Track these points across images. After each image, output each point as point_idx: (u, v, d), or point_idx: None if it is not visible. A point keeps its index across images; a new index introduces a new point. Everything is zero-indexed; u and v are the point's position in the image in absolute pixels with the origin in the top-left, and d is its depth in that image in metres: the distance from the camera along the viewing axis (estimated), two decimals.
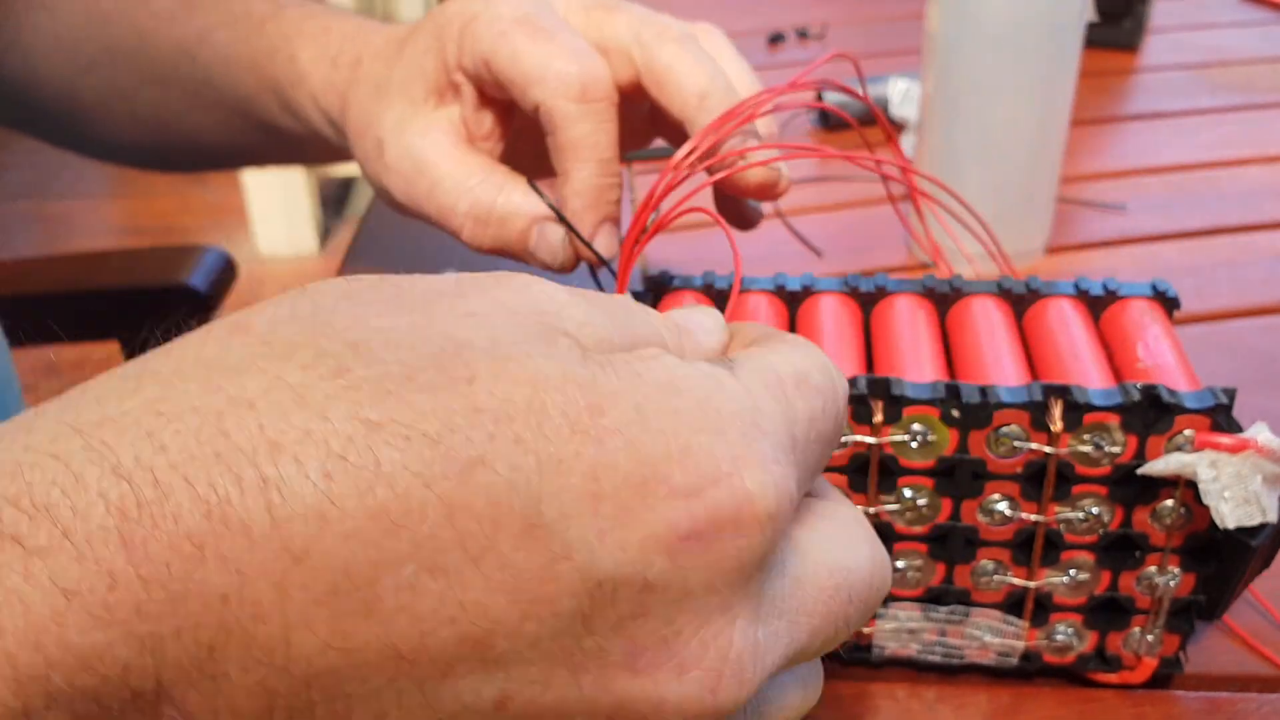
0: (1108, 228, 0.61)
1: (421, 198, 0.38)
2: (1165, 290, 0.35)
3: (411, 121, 0.39)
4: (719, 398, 0.20)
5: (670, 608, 0.19)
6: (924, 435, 0.30)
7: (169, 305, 0.75)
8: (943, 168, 0.56)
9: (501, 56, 0.36)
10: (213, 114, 0.49)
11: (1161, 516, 0.31)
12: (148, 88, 0.50)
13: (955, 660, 0.34)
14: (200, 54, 0.47)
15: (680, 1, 1.01)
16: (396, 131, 0.39)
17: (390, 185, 0.39)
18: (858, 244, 0.60)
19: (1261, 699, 0.33)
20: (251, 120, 0.47)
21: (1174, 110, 0.75)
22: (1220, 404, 0.29)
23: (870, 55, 0.87)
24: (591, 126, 0.36)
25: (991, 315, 0.35)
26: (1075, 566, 0.32)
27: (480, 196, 0.37)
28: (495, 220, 0.37)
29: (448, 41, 0.38)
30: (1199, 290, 0.55)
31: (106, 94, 0.52)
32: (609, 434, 0.18)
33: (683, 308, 0.25)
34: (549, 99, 0.35)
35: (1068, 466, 0.30)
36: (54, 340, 0.46)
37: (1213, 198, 0.63)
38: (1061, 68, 0.53)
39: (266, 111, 0.46)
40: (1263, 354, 0.49)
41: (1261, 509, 0.28)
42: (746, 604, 0.20)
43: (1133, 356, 0.32)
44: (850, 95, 0.35)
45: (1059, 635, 0.33)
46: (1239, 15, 0.91)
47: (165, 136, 0.52)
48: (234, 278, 0.78)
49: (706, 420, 0.19)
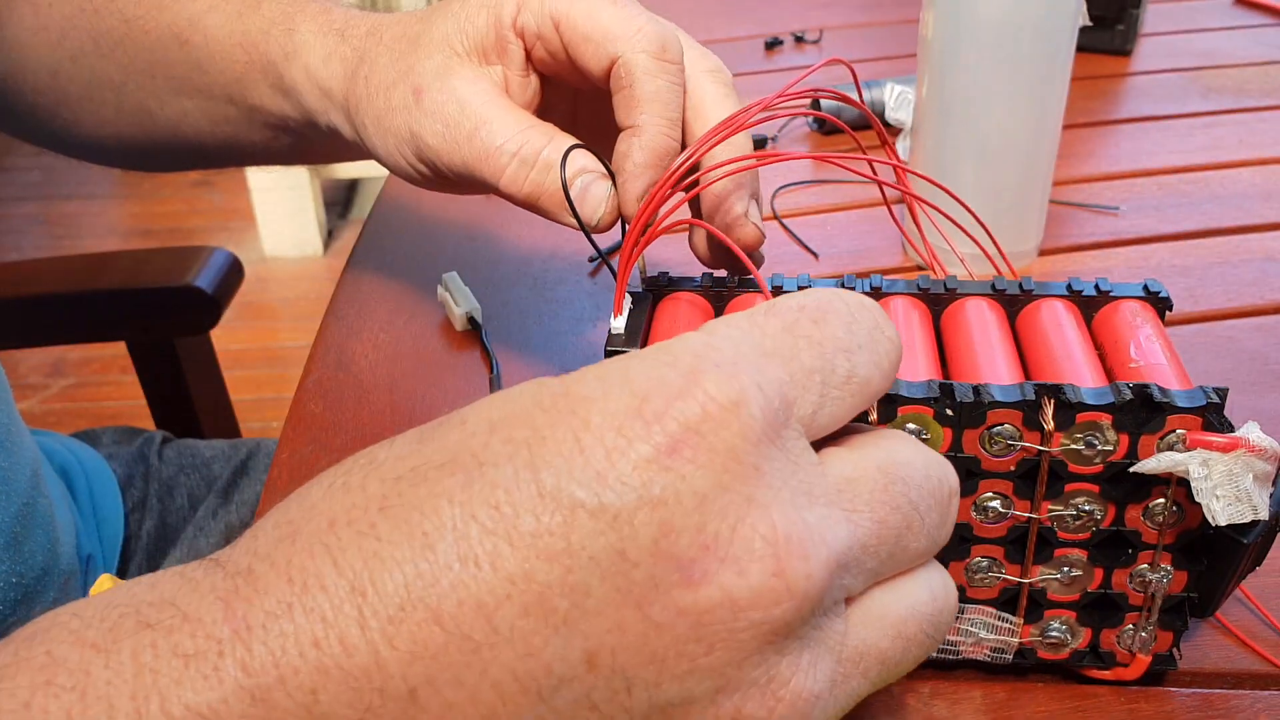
0: (1101, 229, 0.61)
1: (463, 140, 0.38)
2: (1157, 291, 0.35)
3: (457, 70, 0.39)
4: (677, 346, 0.22)
5: (693, 516, 0.20)
6: (918, 434, 0.30)
7: (175, 306, 0.75)
8: (937, 171, 0.56)
9: (578, 14, 0.37)
10: (198, 101, 0.49)
11: (1154, 514, 0.31)
12: (135, 77, 0.50)
13: (950, 656, 0.34)
14: (190, 38, 0.47)
15: (680, 7, 1.02)
16: (440, 77, 0.39)
17: (425, 131, 0.39)
18: (853, 246, 0.61)
19: (1255, 695, 0.34)
20: (238, 106, 0.47)
21: (1166, 113, 0.75)
22: (1212, 403, 0.29)
23: (866, 60, 0.87)
24: (666, 82, 0.37)
25: (985, 316, 0.35)
26: (1068, 564, 0.32)
27: (532, 139, 0.38)
28: (541, 165, 0.38)
29: (505, 1, 0.38)
30: (1191, 291, 0.55)
31: (92, 85, 0.52)
32: (580, 403, 0.21)
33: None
34: (630, 52, 0.36)
35: (1060, 465, 0.30)
36: (61, 341, 0.46)
37: (1205, 200, 0.64)
38: (1055, 72, 0.53)
39: (254, 93, 0.46)
40: (1254, 354, 0.50)
41: (1253, 507, 0.29)
42: (774, 493, 0.21)
43: (1125, 356, 0.33)
44: (845, 102, 0.36)
45: (1053, 632, 0.33)
46: (1231, 19, 0.92)
47: (150, 129, 0.52)
48: (240, 279, 0.78)
49: (661, 355, 0.22)
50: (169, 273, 0.75)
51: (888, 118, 0.71)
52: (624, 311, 0.34)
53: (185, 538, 0.63)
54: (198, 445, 0.69)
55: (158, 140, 0.53)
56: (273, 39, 0.44)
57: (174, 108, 0.50)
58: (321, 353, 0.52)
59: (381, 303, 0.56)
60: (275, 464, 0.45)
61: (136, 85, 0.51)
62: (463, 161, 0.39)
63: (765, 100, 0.34)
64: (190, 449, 0.68)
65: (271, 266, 2.09)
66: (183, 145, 0.52)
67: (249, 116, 0.48)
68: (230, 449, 0.68)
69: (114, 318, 0.76)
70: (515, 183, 0.38)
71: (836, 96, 0.36)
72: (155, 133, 0.52)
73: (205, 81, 0.48)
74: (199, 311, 0.75)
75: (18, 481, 0.48)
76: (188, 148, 0.53)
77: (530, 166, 0.38)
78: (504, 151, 0.38)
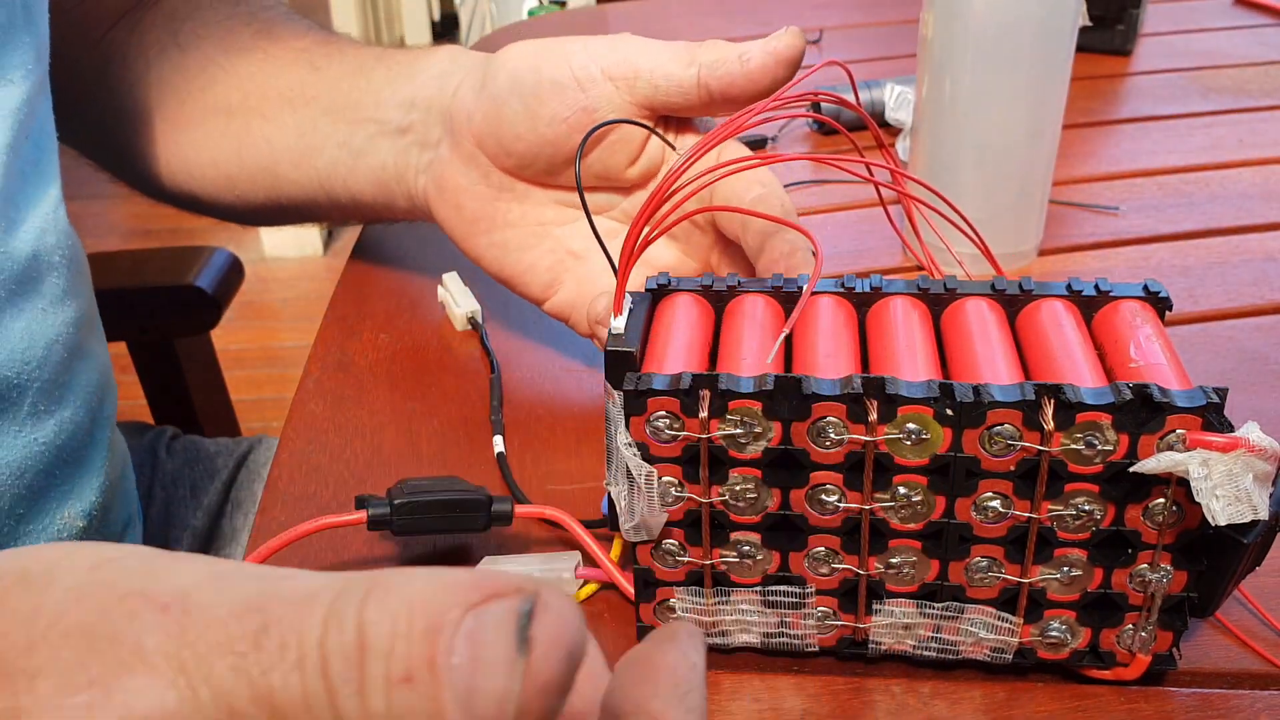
0: (1101, 229, 0.61)
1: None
2: (1157, 291, 0.35)
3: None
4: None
5: None
6: (918, 434, 0.31)
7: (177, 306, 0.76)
8: (937, 171, 0.56)
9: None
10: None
11: (1153, 514, 0.31)
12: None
13: (950, 655, 0.34)
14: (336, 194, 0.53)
15: (680, 9, 1.02)
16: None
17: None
18: (853, 245, 0.61)
19: (1255, 695, 0.34)
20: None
21: (1166, 114, 0.75)
22: (1212, 403, 0.29)
23: (866, 60, 0.87)
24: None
25: (985, 315, 0.35)
26: (1068, 563, 0.32)
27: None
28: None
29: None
30: (1191, 291, 0.55)
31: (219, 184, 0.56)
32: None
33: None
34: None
35: (1060, 465, 0.30)
36: None
37: (1205, 200, 0.64)
38: (1054, 72, 0.53)
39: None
40: (1254, 354, 0.50)
41: (1253, 506, 0.29)
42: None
43: (1125, 356, 0.33)
44: (841, 104, 0.36)
45: (1053, 631, 0.33)
46: (1231, 19, 0.92)
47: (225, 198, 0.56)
48: (240, 279, 0.79)
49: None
50: (169, 273, 0.76)
51: (887, 118, 0.71)
52: (624, 311, 0.34)
53: (187, 526, 0.64)
54: (202, 441, 0.70)
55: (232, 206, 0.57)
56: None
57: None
58: (321, 353, 0.52)
59: (381, 303, 0.56)
60: (275, 464, 0.45)
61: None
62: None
63: (759, 105, 0.34)
64: (195, 444, 0.69)
65: (271, 266, 2.10)
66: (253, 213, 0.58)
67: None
68: (233, 444, 0.70)
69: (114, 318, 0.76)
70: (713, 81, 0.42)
71: (833, 99, 0.36)
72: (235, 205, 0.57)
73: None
74: (199, 311, 0.75)
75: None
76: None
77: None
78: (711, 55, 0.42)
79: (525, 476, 0.44)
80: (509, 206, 0.47)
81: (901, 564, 0.33)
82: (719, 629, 0.35)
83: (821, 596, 0.34)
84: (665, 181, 0.33)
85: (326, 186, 0.52)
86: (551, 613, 0.17)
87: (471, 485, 0.38)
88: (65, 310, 0.47)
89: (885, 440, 0.31)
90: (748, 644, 0.35)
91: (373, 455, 0.45)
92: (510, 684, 0.16)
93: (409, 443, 0.46)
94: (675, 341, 0.34)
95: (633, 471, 0.32)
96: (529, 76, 0.43)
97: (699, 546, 0.34)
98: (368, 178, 0.50)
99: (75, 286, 0.48)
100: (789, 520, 0.33)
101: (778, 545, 0.33)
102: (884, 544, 0.33)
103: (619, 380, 0.32)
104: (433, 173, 0.48)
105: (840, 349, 0.34)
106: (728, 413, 0.31)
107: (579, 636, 0.17)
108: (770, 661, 0.36)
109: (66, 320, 0.47)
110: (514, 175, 0.46)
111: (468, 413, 0.48)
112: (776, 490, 0.32)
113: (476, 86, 0.45)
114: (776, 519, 0.33)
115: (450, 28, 2.73)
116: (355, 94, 0.50)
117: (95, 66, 0.56)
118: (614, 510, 0.34)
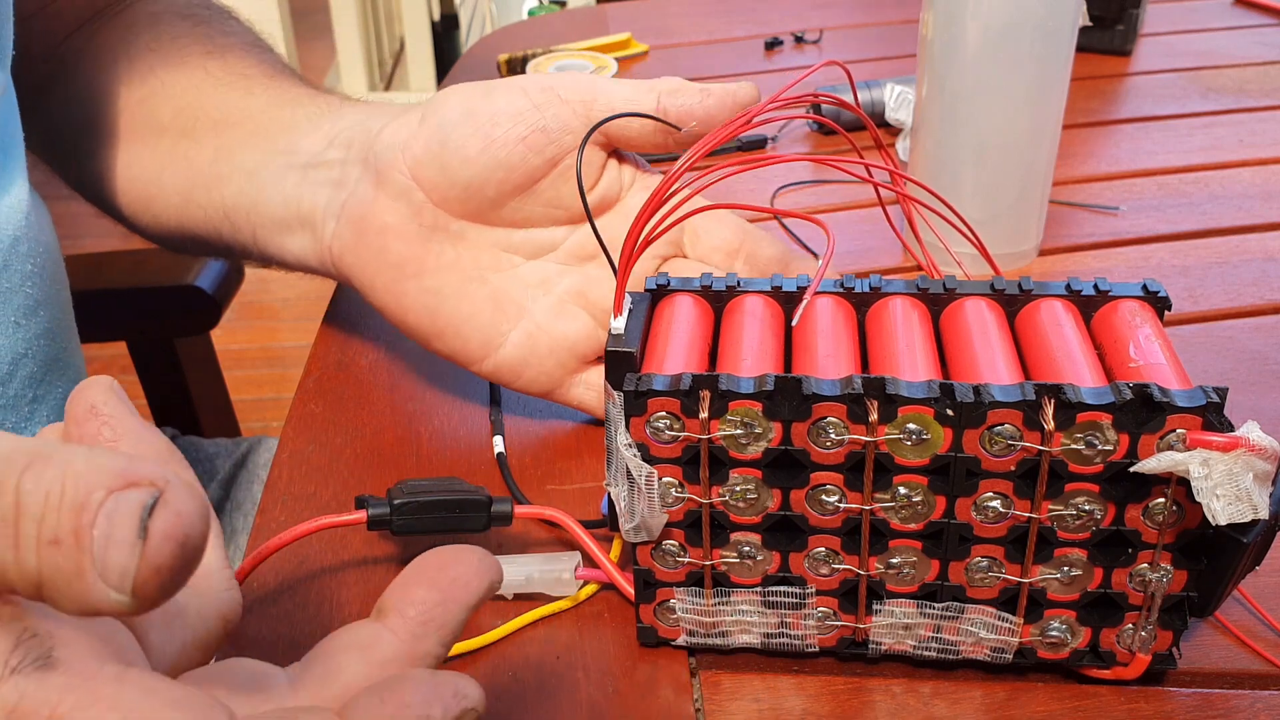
0: (1101, 229, 0.61)
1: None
2: (1156, 290, 0.35)
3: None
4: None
5: None
6: (919, 434, 0.31)
7: (175, 306, 0.76)
8: (937, 171, 0.56)
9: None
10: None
11: (1153, 514, 0.31)
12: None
13: (950, 655, 0.34)
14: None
15: (679, 8, 1.02)
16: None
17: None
18: (853, 245, 0.61)
19: (1255, 695, 0.34)
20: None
21: (1166, 114, 0.76)
22: (1211, 402, 0.29)
23: (866, 60, 0.87)
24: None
25: (985, 315, 0.35)
26: (1068, 563, 0.32)
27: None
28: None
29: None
30: (1191, 291, 0.55)
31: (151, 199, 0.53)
32: None
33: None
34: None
35: (1060, 464, 0.30)
36: None
37: (1204, 200, 0.64)
38: (1054, 72, 0.53)
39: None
40: (1253, 354, 0.50)
41: (1253, 506, 0.29)
42: None
43: (1125, 356, 0.33)
44: (840, 105, 0.36)
45: (1053, 631, 0.33)
46: (1231, 19, 0.92)
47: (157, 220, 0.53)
48: (240, 279, 0.79)
49: None
50: (169, 273, 0.76)
51: (888, 118, 0.71)
52: (624, 311, 0.34)
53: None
54: (201, 442, 0.70)
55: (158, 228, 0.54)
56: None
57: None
58: (321, 353, 0.52)
59: None
60: (275, 464, 0.45)
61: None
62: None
63: (756, 108, 0.34)
64: (195, 445, 0.69)
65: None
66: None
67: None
68: (233, 445, 0.69)
69: (114, 318, 0.76)
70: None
71: (831, 101, 0.36)
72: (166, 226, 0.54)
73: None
74: (199, 311, 0.76)
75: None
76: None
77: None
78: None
79: (525, 477, 0.44)
80: (441, 248, 0.43)
81: (902, 564, 0.33)
82: (719, 629, 0.35)
83: (822, 597, 0.34)
84: (666, 181, 0.33)
85: (231, 218, 0.48)
86: (169, 509, 0.20)
87: (471, 485, 0.38)
88: (36, 322, 0.45)
89: (885, 440, 0.31)
90: (748, 644, 0.35)
91: (373, 455, 0.45)
92: (130, 561, 0.20)
93: (409, 443, 0.46)
94: (675, 342, 0.34)
95: (633, 472, 0.32)
96: (481, 103, 0.41)
97: (699, 547, 0.34)
98: (269, 214, 0.46)
99: (49, 296, 0.46)
100: (789, 520, 0.33)
101: (778, 546, 0.33)
102: (884, 544, 0.33)
103: (619, 381, 0.32)
104: (348, 214, 0.43)
105: (840, 349, 0.34)
106: (728, 413, 0.31)
107: (194, 533, 0.21)
108: (770, 662, 0.36)
109: (37, 333, 0.45)
110: (451, 210, 0.42)
111: (468, 413, 0.48)
112: (777, 490, 0.32)
113: (413, 122, 0.42)
114: (777, 519, 0.33)
115: (450, 28, 2.72)
116: (277, 124, 0.47)
117: (50, 74, 0.55)
118: (614, 511, 0.34)
